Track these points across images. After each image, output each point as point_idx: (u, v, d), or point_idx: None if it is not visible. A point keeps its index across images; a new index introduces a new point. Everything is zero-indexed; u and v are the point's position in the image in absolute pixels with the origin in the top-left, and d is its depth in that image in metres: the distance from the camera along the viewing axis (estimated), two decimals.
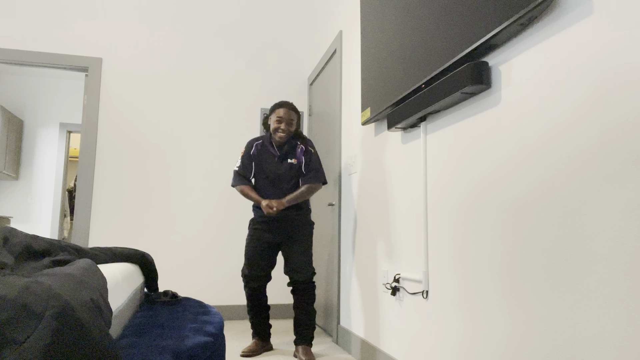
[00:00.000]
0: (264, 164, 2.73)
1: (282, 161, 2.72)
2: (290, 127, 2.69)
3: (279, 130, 2.66)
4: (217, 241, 3.81)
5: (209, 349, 1.39)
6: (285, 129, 2.66)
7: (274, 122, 2.69)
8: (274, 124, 2.68)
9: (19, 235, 1.41)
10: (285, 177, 2.70)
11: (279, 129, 2.67)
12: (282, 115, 2.67)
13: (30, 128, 5.94)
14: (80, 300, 0.89)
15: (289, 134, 2.69)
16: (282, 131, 2.65)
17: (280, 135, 2.66)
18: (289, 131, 2.68)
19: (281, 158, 2.72)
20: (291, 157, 2.72)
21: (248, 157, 2.76)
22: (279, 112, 2.68)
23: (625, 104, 1.01)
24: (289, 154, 2.73)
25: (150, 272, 2.14)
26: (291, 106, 2.72)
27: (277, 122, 2.67)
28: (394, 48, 2.06)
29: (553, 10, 1.22)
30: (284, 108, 2.69)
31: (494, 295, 1.44)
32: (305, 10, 4.21)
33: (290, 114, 2.69)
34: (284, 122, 2.66)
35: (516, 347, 1.33)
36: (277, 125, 2.67)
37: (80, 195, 3.57)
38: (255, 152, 2.77)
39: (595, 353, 1.07)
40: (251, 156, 2.76)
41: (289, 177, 2.71)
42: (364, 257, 2.61)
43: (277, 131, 2.67)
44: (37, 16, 3.68)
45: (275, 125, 2.67)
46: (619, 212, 1.02)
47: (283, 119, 2.66)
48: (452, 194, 1.70)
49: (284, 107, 2.69)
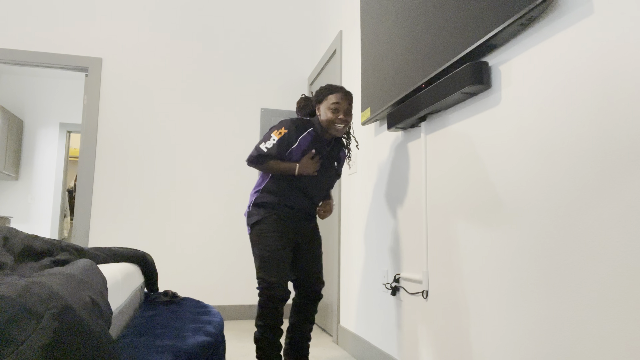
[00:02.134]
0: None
1: (327, 164, 2.13)
2: (350, 118, 2.06)
3: (338, 122, 2.02)
4: (217, 241, 3.81)
5: (209, 349, 1.39)
6: (344, 119, 2.02)
7: (327, 110, 2.03)
8: (328, 112, 2.02)
9: (19, 235, 1.41)
10: (323, 184, 2.15)
11: (336, 120, 2.02)
12: (340, 101, 2.02)
13: (30, 128, 5.94)
14: (80, 300, 0.89)
15: (348, 126, 2.10)
16: (341, 122, 2.02)
17: (339, 129, 2.03)
18: (349, 122, 2.06)
19: (327, 158, 2.14)
20: (334, 159, 2.18)
21: (288, 143, 2.04)
22: (335, 97, 2.02)
23: (625, 103, 1.01)
24: (334, 156, 2.17)
25: (150, 272, 2.14)
26: (347, 90, 2.15)
27: (333, 110, 2.02)
28: (394, 48, 2.06)
29: (553, 10, 1.22)
30: (340, 92, 2.04)
31: (493, 295, 1.44)
32: (305, 10, 4.21)
33: (349, 99, 2.06)
34: (342, 111, 2.03)
35: (516, 347, 1.33)
36: (334, 115, 2.01)
37: (80, 195, 3.57)
38: (309, 140, 2.07)
39: (595, 353, 1.07)
40: (299, 144, 2.05)
41: (327, 184, 2.17)
42: (363, 257, 2.61)
43: (335, 123, 2.02)
44: (37, 16, 3.68)
45: (331, 116, 2.01)
46: (619, 212, 1.02)
47: (340, 108, 2.02)
48: (452, 194, 1.70)
49: (339, 91, 2.04)
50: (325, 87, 2.09)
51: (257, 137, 3.98)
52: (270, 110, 4.02)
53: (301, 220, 2.15)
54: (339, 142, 2.22)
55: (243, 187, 3.91)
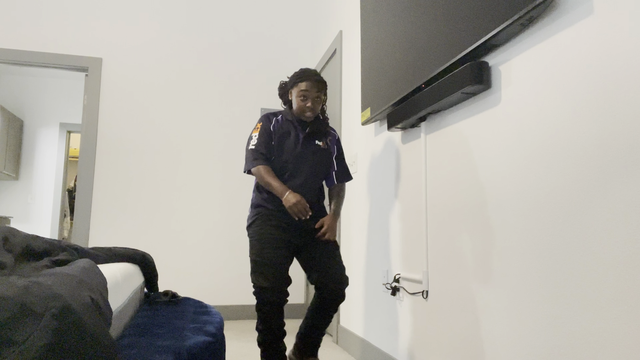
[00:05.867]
0: (285, 144, 2.09)
1: (308, 142, 2.12)
2: (317, 105, 2.08)
3: (307, 110, 2.07)
4: (217, 241, 3.81)
5: (209, 349, 1.39)
6: (312, 107, 2.06)
7: (297, 97, 2.08)
8: (297, 100, 2.07)
9: (19, 235, 1.41)
10: (309, 162, 2.09)
11: (304, 108, 2.07)
12: (309, 89, 2.05)
13: (30, 128, 5.94)
14: (80, 301, 0.89)
15: (316, 114, 2.11)
16: (310, 110, 2.06)
17: (308, 116, 2.09)
18: (316, 110, 2.09)
19: (307, 138, 2.12)
20: (319, 138, 2.14)
21: (267, 132, 2.09)
22: (305, 84, 2.05)
23: (625, 103, 1.01)
24: (316, 135, 2.14)
25: (151, 272, 2.14)
26: (318, 77, 2.08)
27: (301, 98, 2.06)
28: (394, 48, 2.06)
29: (553, 10, 1.22)
30: (309, 81, 2.05)
31: (494, 295, 1.44)
32: (305, 10, 4.21)
33: (319, 86, 2.07)
34: (310, 99, 2.06)
35: (516, 347, 1.33)
36: (302, 103, 2.06)
37: (80, 195, 3.57)
38: (276, 127, 2.12)
39: (596, 353, 1.07)
40: (271, 131, 2.11)
41: (313, 162, 2.10)
42: (363, 257, 2.61)
43: (305, 111, 2.08)
44: (37, 16, 3.68)
45: (300, 104, 2.07)
46: (619, 212, 1.02)
47: (309, 95, 2.06)
48: (452, 194, 1.70)
49: (309, 79, 2.05)
50: (298, 72, 2.10)
51: None
52: (270, 110, 4.03)
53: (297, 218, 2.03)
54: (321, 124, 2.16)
55: (243, 187, 3.91)
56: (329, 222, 2.08)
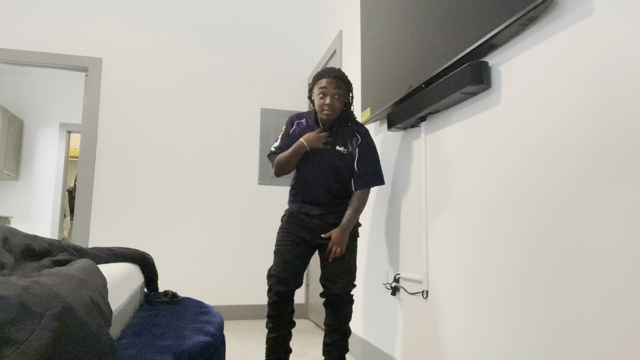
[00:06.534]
0: None
1: (329, 147, 2.08)
2: (336, 103, 2.03)
3: (325, 107, 2.02)
4: (217, 241, 3.81)
5: (209, 349, 1.39)
6: (330, 104, 2.01)
7: (317, 96, 2.05)
8: (317, 98, 2.05)
9: (19, 235, 1.41)
10: (330, 169, 2.07)
11: (323, 106, 2.03)
12: (327, 86, 2.01)
13: (30, 128, 5.94)
14: (80, 300, 0.89)
15: (336, 112, 2.05)
16: (328, 107, 2.02)
17: (327, 114, 2.03)
18: (335, 107, 2.03)
19: (329, 143, 2.08)
20: (341, 143, 2.08)
21: (288, 136, 2.14)
22: (324, 82, 2.02)
23: (625, 103, 1.01)
24: (338, 140, 2.09)
25: (150, 272, 2.14)
26: (337, 73, 2.04)
27: (320, 96, 2.03)
28: (394, 48, 2.06)
29: (553, 10, 1.22)
30: (327, 78, 2.03)
31: (494, 295, 1.44)
32: (305, 10, 4.21)
33: (337, 83, 2.03)
34: (329, 96, 2.02)
35: (516, 347, 1.33)
36: (321, 100, 2.03)
37: (80, 195, 3.57)
38: (298, 131, 2.14)
39: (595, 353, 1.07)
40: (291, 135, 2.14)
41: (334, 168, 2.07)
42: (364, 257, 2.61)
43: (323, 108, 2.03)
44: (37, 16, 3.68)
45: (319, 101, 2.03)
46: (618, 212, 1.02)
47: (327, 92, 2.02)
48: (452, 194, 1.70)
49: (327, 75, 2.03)
50: (320, 70, 2.08)
51: (257, 137, 3.98)
52: (270, 110, 4.03)
53: (314, 218, 2.08)
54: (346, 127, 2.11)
55: (243, 186, 3.91)
56: (335, 236, 2.03)
